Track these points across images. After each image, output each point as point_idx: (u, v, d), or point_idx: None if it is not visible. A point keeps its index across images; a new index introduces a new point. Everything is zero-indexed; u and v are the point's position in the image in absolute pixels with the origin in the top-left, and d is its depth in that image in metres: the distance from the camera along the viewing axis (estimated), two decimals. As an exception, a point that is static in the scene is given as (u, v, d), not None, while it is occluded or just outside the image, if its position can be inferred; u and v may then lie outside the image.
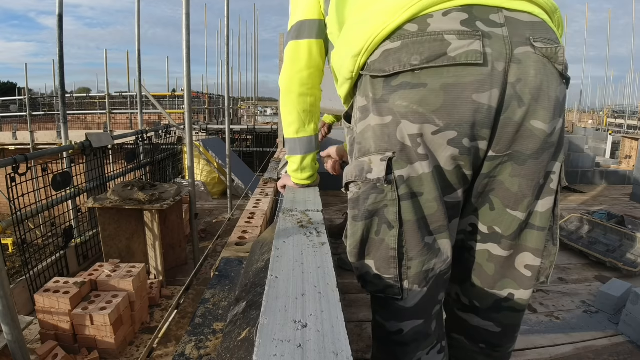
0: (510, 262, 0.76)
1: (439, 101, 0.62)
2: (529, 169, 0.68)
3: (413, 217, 0.68)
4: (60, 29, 3.36)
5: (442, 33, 0.61)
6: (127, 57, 12.47)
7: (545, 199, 0.72)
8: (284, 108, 1.00)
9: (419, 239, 0.69)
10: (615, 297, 1.71)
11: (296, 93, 0.95)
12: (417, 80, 0.63)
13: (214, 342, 1.01)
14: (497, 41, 0.61)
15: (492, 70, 0.61)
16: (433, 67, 0.61)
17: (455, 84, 0.61)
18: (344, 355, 0.42)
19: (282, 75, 0.98)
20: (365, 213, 0.70)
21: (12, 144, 9.99)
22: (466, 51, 0.60)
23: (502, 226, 0.74)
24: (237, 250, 1.59)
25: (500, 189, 0.71)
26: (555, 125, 0.66)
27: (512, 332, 0.83)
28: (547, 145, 0.67)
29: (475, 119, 0.62)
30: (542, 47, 0.63)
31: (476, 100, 0.61)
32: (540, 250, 0.74)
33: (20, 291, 2.74)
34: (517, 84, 0.62)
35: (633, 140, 7.34)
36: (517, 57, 0.61)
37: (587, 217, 2.63)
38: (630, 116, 16.78)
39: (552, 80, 0.63)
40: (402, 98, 0.64)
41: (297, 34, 0.92)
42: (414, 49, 0.62)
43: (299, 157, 1.03)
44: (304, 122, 0.99)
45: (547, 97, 0.63)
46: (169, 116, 6.29)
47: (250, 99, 19.37)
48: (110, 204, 2.91)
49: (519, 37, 0.62)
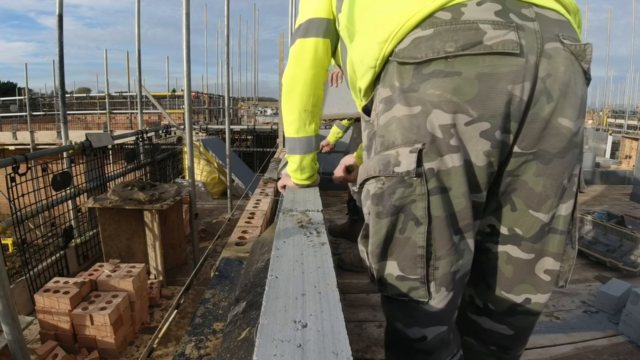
0: (531, 267, 0.74)
1: (473, 90, 0.59)
2: (554, 169, 0.66)
3: (442, 213, 0.64)
4: (60, 29, 3.36)
5: (476, 22, 0.60)
6: (127, 57, 12.48)
7: (567, 202, 0.69)
8: (286, 106, 0.99)
9: (448, 236, 0.66)
10: (615, 297, 1.71)
11: (298, 92, 0.95)
12: (451, 69, 0.60)
13: (214, 342, 1.01)
14: (530, 34, 0.60)
15: (527, 62, 0.59)
16: (469, 54, 0.59)
17: (491, 73, 0.59)
18: (344, 355, 0.42)
19: (285, 73, 0.97)
20: (391, 209, 0.66)
21: (12, 144, 10.00)
22: (503, 40, 0.58)
23: (523, 228, 0.71)
24: (237, 250, 1.59)
25: (523, 189, 0.69)
26: (580, 124, 0.64)
27: (524, 335, 0.82)
28: (572, 145, 0.65)
29: (507, 110, 0.60)
30: (570, 44, 0.62)
31: (511, 91, 0.59)
32: (560, 254, 0.72)
33: (20, 291, 2.74)
34: (547, 79, 0.60)
35: (633, 140, 7.34)
36: (548, 51, 0.60)
37: (587, 217, 2.63)
38: (630, 116, 16.77)
39: (579, 78, 0.63)
40: (434, 87, 0.61)
41: (304, 32, 0.90)
42: (448, 37, 0.60)
43: (298, 156, 1.03)
44: (304, 121, 0.98)
45: (574, 95, 0.62)
46: (169, 116, 6.29)
47: (250, 99, 19.39)
48: (110, 204, 2.91)
49: (549, 32, 0.61)
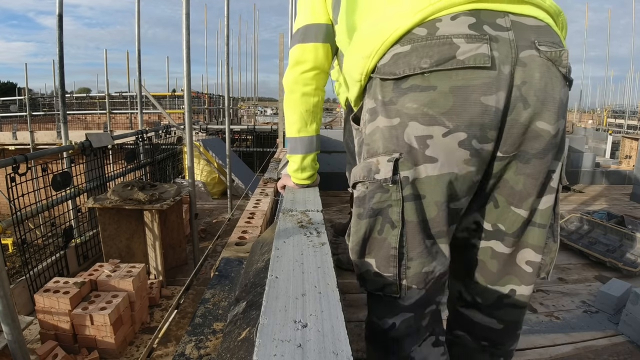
0: (512, 259, 0.78)
1: (448, 103, 0.63)
2: (533, 168, 0.69)
3: (415, 218, 0.69)
4: (60, 29, 3.36)
5: (450, 37, 0.63)
6: (127, 57, 12.49)
7: (546, 196, 0.73)
8: (287, 108, 1.01)
9: (420, 240, 0.70)
10: (615, 297, 1.71)
11: (299, 93, 0.96)
12: (426, 83, 0.64)
13: (214, 342, 1.01)
14: (504, 45, 0.62)
15: (499, 73, 0.62)
16: (442, 70, 0.62)
17: (464, 86, 0.62)
18: (344, 355, 0.42)
19: (286, 76, 0.99)
20: (370, 211, 0.71)
21: (12, 144, 10.00)
22: (474, 54, 0.61)
23: (505, 223, 0.75)
24: (237, 250, 1.59)
25: (504, 187, 0.72)
26: (559, 126, 0.67)
27: (513, 330, 0.84)
28: (551, 146, 0.68)
29: (483, 120, 0.63)
30: (546, 50, 0.64)
31: (484, 102, 0.62)
32: (541, 247, 0.76)
33: (20, 291, 2.74)
34: (522, 86, 0.63)
35: (633, 140, 7.34)
36: (523, 60, 0.63)
37: (587, 217, 2.63)
38: (630, 116, 16.77)
39: (556, 83, 0.65)
40: (411, 100, 0.65)
41: (303, 37, 0.92)
42: (423, 53, 0.64)
43: (299, 156, 1.04)
44: (306, 122, 1.00)
45: (552, 99, 0.65)
46: (169, 116, 6.29)
47: (250, 99, 19.37)
48: (110, 204, 2.91)
49: (525, 40, 0.64)
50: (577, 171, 4.70)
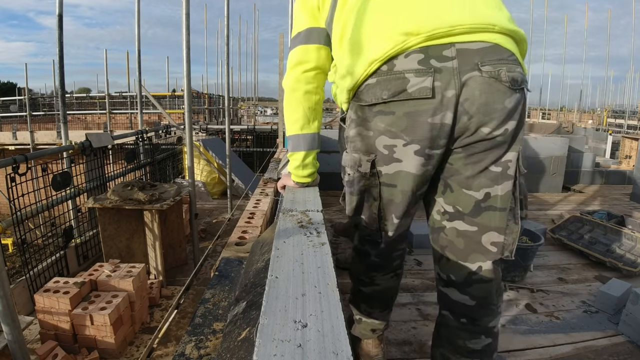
0: (478, 239, 0.92)
1: (404, 124, 0.83)
2: (478, 158, 0.87)
3: (387, 197, 0.94)
4: (60, 29, 3.36)
5: (403, 72, 0.80)
6: (127, 57, 12.49)
7: (504, 183, 0.88)
8: (289, 106, 1.05)
9: (391, 212, 0.96)
10: (615, 297, 1.71)
11: (302, 90, 1.02)
12: (388, 109, 0.84)
13: (214, 342, 1.01)
14: (447, 74, 0.78)
15: (442, 98, 0.79)
16: (397, 100, 0.82)
17: (414, 111, 0.81)
18: (344, 355, 0.42)
19: (287, 76, 1.04)
20: (358, 191, 0.97)
21: (12, 144, 9.99)
22: (419, 88, 0.79)
23: (461, 204, 0.92)
24: (237, 250, 1.59)
25: (457, 175, 0.90)
26: (506, 127, 0.83)
27: (485, 306, 0.95)
28: (497, 143, 0.84)
29: (432, 134, 0.83)
30: (489, 69, 0.78)
31: (430, 122, 0.81)
32: (503, 228, 0.90)
33: (20, 291, 2.74)
34: (465, 102, 0.80)
35: (633, 140, 7.34)
36: (465, 81, 0.79)
37: (587, 217, 2.63)
38: (630, 116, 16.78)
39: (497, 95, 0.80)
40: (380, 121, 0.86)
41: (306, 39, 1.00)
42: (384, 86, 0.83)
43: (302, 153, 1.07)
44: (309, 119, 1.05)
45: (494, 109, 0.80)
46: (169, 116, 6.29)
47: (250, 99, 19.37)
48: (110, 204, 2.91)
49: (468, 64, 0.79)
50: (577, 171, 4.70)
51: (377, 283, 1.12)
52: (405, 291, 1.91)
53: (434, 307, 1.72)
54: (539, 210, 3.48)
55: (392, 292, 1.19)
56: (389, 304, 1.20)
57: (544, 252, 2.41)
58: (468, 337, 0.96)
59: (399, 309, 1.74)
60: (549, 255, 2.39)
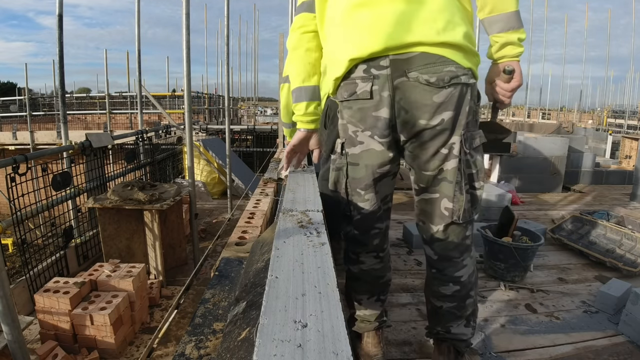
0: (438, 204, 1.11)
1: (358, 116, 1.09)
2: (427, 144, 1.06)
3: (353, 175, 1.15)
4: (60, 29, 3.36)
5: (354, 79, 1.07)
6: (127, 57, 12.49)
7: (450, 161, 1.06)
8: (291, 63, 1.22)
9: (354, 186, 1.16)
10: (615, 297, 1.71)
11: (304, 48, 1.19)
12: (348, 105, 1.11)
13: (214, 342, 1.01)
14: (382, 79, 1.03)
15: (380, 98, 1.04)
16: (352, 99, 1.09)
17: (362, 107, 1.07)
18: (344, 355, 0.42)
19: (290, 37, 1.22)
20: (336, 168, 1.21)
21: (12, 144, 9.99)
22: (363, 91, 1.05)
23: (423, 182, 1.13)
24: (237, 250, 1.59)
25: (416, 159, 1.11)
26: (442, 117, 1.01)
27: (447, 259, 1.16)
28: (437, 131, 1.03)
29: (377, 124, 1.07)
30: (414, 75, 1.00)
31: (375, 115, 1.06)
32: (451, 197, 1.08)
33: (20, 291, 2.74)
34: (400, 101, 1.03)
35: (633, 140, 7.34)
36: (397, 85, 1.02)
37: (587, 217, 2.63)
38: (630, 116, 16.77)
39: (424, 94, 1.00)
40: (346, 113, 1.13)
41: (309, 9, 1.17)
42: (345, 88, 1.10)
43: (304, 103, 1.21)
44: (309, 73, 1.20)
45: (424, 104, 1.01)
46: (169, 116, 6.29)
47: (250, 99, 19.36)
48: (110, 204, 2.91)
49: (398, 71, 1.01)
50: (577, 171, 4.70)
51: (362, 261, 1.27)
52: (405, 291, 1.91)
53: (434, 307, 1.72)
54: (539, 210, 3.48)
55: (378, 278, 1.29)
56: (375, 292, 1.31)
57: (544, 252, 2.41)
58: (438, 284, 1.20)
59: (398, 309, 1.74)
60: (549, 255, 2.39)
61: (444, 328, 1.22)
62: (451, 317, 1.20)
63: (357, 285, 1.31)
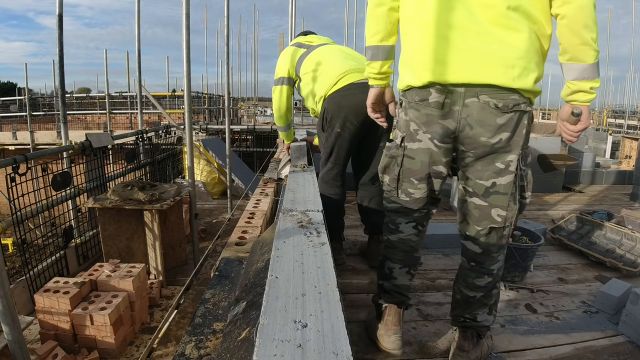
0: (488, 212, 1.21)
1: (423, 119, 1.19)
2: (484, 160, 1.17)
3: (408, 166, 1.27)
4: (60, 29, 3.36)
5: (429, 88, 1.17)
6: (127, 57, 12.47)
7: (505, 176, 1.16)
8: (372, 19, 1.23)
9: (407, 176, 1.28)
10: (615, 297, 1.71)
11: (388, 6, 1.20)
12: (417, 107, 1.21)
13: (214, 342, 1.01)
14: (456, 95, 1.12)
15: (450, 111, 1.14)
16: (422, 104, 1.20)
17: (430, 114, 1.17)
18: (344, 355, 0.42)
19: None
20: (390, 155, 1.32)
21: (12, 144, 9.98)
22: (435, 101, 1.16)
23: (476, 189, 1.22)
24: (237, 250, 1.59)
25: (472, 169, 1.21)
26: (500, 137, 1.12)
27: (489, 253, 1.25)
28: (495, 149, 1.14)
29: (439, 131, 1.17)
30: (486, 99, 1.09)
31: (441, 122, 1.16)
32: (505, 207, 1.19)
33: (20, 291, 2.74)
34: (468, 117, 1.12)
35: (633, 140, 7.35)
36: (467, 103, 1.11)
37: (587, 217, 2.63)
38: (630, 116, 16.76)
39: (490, 116, 1.10)
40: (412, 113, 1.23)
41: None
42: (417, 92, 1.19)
43: (379, 62, 1.26)
44: (390, 32, 1.22)
45: (487, 124, 1.11)
46: (169, 116, 6.29)
47: (250, 99, 19.35)
48: (110, 204, 2.91)
49: (471, 93, 1.10)
50: (577, 171, 4.70)
51: (401, 230, 1.37)
52: (405, 291, 1.90)
53: (434, 308, 1.72)
54: (539, 210, 3.48)
55: (412, 249, 1.39)
56: (408, 263, 1.39)
57: (544, 252, 2.41)
58: (475, 276, 1.28)
59: (399, 309, 1.74)
60: (549, 255, 2.39)
61: (472, 315, 1.30)
62: (479, 305, 1.30)
63: (392, 253, 1.40)
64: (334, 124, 1.87)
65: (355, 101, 1.81)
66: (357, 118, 1.83)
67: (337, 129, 1.87)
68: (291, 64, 2.09)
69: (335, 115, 1.86)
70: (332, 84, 1.88)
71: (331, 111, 1.87)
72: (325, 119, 1.92)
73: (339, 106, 1.85)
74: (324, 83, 1.92)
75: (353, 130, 1.87)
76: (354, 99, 1.82)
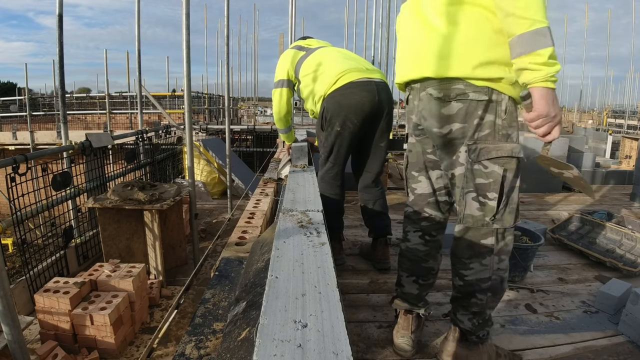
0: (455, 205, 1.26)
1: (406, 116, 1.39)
2: (442, 150, 1.20)
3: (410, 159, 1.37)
4: (60, 29, 3.36)
5: None
6: (127, 57, 12.48)
7: (457, 168, 1.17)
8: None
9: (410, 169, 1.37)
10: (615, 297, 1.71)
11: None
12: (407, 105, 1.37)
13: (214, 342, 1.01)
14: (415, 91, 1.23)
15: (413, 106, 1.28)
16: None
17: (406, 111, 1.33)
18: (344, 355, 0.42)
19: None
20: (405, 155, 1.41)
21: (12, 144, 9.98)
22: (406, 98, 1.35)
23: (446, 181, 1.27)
24: (237, 250, 1.59)
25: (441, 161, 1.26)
26: (450, 127, 1.13)
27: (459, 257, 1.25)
28: (448, 139, 1.15)
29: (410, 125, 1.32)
30: (430, 91, 1.14)
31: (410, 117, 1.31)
32: (458, 200, 1.20)
33: (20, 291, 2.74)
34: (423, 110, 1.20)
35: (633, 140, 7.35)
36: (421, 97, 1.19)
37: (587, 217, 2.63)
38: (630, 116, 16.75)
39: (434, 106, 1.15)
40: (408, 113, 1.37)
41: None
42: None
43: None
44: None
45: (435, 115, 1.15)
46: (169, 116, 6.29)
47: (250, 99, 19.35)
48: (110, 204, 2.91)
49: (423, 87, 1.18)
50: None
51: (408, 238, 1.39)
52: (405, 291, 1.90)
53: (434, 308, 1.72)
54: (539, 210, 3.48)
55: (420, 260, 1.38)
56: (415, 273, 1.39)
57: (544, 252, 2.41)
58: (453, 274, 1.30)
59: (399, 309, 1.74)
60: (549, 255, 2.39)
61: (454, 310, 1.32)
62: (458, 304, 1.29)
63: (400, 260, 1.44)
64: (334, 123, 1.87)
65: (355, 100, 1.81)
66: (357, 117, 1.83)
67: (337, 127, 1.87)
68: (291, 67, 2.11)
69: (335, 114, 1.85)
70: (332, 83, 1.88)
71: (331, 110, 1.87)
72: (324, 118, 1.91)
73: (339, 105, 1.84)
74: (324, 82, 1.93)
75: (353, 129, 1.87)
76: (353, 98, 1.81)
